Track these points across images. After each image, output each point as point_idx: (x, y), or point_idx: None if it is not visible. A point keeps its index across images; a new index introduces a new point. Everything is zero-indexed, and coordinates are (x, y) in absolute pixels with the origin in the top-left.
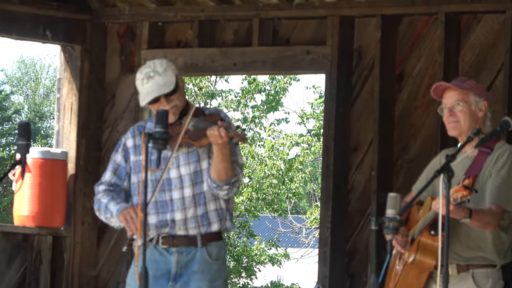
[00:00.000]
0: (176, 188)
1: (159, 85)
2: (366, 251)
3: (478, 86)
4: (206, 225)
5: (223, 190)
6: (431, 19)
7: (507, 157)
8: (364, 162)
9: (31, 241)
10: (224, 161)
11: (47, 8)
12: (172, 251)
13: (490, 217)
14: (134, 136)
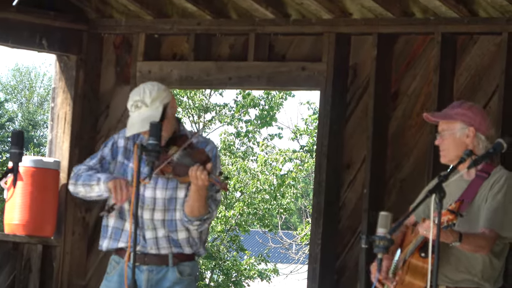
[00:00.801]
0: (148, 208)
1: (143, 118)
2: (356, 269)
3: (466, 113)
4: (178, 247)
5: (194, 225)
6: (428, 39)
7: (503, 183)
8: (357, 179)
9: (21, 250)
10: (200, 200)
11: (44, 17)
12: (143, 269)
13: (483, 241)
14: (128, 139)
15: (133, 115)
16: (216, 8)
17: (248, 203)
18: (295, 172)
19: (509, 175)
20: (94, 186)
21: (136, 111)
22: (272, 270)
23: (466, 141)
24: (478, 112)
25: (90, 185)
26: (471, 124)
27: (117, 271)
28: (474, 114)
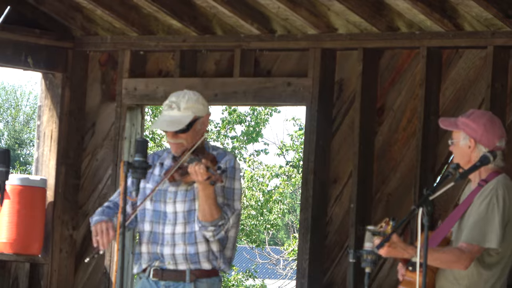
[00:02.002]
0: (170, 223)
1: (171, 120)
2: (344, 283)
3: (469, 124)
4: (196, 263)
5: (208, 231)
6: (413, 53)
7: (488, 192)
8: (343, 194)
9: (8, 268)
10: (207, 202)
11: (29, 35)
12: (160, 284)
13: (452, 256)
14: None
15: (164, 114)
16: (201, 25)
17: None
18: (282, 188)
19: (496, 185)
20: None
21: (168, 111)
22: (260, 286)
23: (467, 152)
24: (482, 123)
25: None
26: (472, 136)
27: (138, 286)
28: (477, 125)
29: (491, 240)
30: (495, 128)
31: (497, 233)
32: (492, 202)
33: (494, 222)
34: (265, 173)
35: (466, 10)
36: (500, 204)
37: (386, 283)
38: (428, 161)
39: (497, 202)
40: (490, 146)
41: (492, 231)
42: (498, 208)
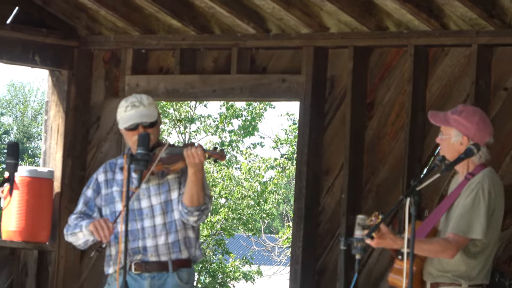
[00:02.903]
0: (148, 217)
1: (142, 114)
2: (335, 269)
3: (463, 122)
4: (177, 252)
5: (194, 216)
6: (401, 51)
7: (475, 186)
8: (335, 185)
9: (18, 255)
10: (197, 185)
11: (36, 34)
12: (145, 276)
13: (439, 246)
14: (106, 172)
15: (130, 112)
16: (200, 24)
17: (232, 209)
18: (277, 179)
19: (482, 179)
20: (79, 234)
21: (134, 109)
22: (256, 272)
23: (460, 148)
24: (475, 122)
25: (75, 233)
26: (465, 134)
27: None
28: (471, 124)
29: (477, 231)
30: (486, 125)
31: (482, 224)
32: (478, 195)
33: (479, 214)
34: (261, 165)
35: (451, 10)
36: (485, 197)
37: (375, 269)
38: (415, 154)
39: (482, 195)
40: (481, 143)
41: (478, 223)
42: (484, 201)
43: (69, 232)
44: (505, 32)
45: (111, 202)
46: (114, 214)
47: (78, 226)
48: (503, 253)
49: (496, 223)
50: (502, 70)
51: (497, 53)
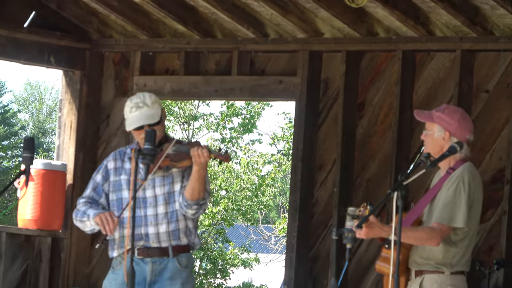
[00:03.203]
0: (151, 206)
1: (146, 115)
2: (327, 257)
3: (445, 118)
4: (177, 239)
5: (192, 209)
6: (390, 55)
7: (455, 178)
8: (328, 179)
9: (32, 242)
10: (199, 181)
11: (51, 37)
12: (147, 261)
13: (425, 234)
14: (116, 159)
15: (134, 114)
16: (204, 29)
17: (232, 200)
18: (274, 173)
19: (463, 172)
20: (86, 222)
21: (138, 111)
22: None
23: (442, 143)
24: (457, 119)
25: (83, 221)
26: (447, 129)
27: (122, 266)
28: (452, 120)
29: (459, 220)
30: (467, 123)
31: (464, 214)
32: (459, 187)
33: (461, 205)
34: (258, 160)
35: (437, 17)
36: (466, 188)
37: (364, 257)
38: (402, 151)
39: (463, 187)
40: (461, 139)
41: (459, 213)
42: (465, 192)
43: (78, 218)
44: (486, 38)
45: (119, 189)
46: (120, 201)
47: (86, 215)
48: (483, 244)
49: (475, 214)
50: (484, 73)
51: (479, 58)
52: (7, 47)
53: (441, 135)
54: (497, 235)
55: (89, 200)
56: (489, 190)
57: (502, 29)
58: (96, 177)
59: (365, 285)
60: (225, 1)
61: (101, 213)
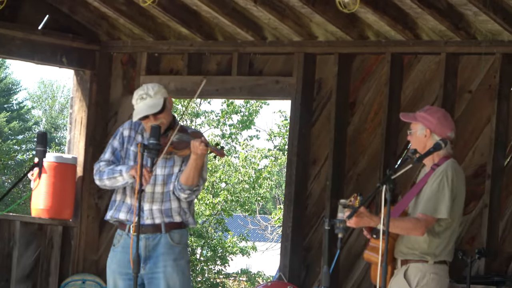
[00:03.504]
0: (150, 184)
1: (149, 106)
2: (320, 246)
3: (427, 117)
4: (170, 217)
5: (185, 193)
6: (380, 58)
7: (440, 173)
8: (321, 173)
9: (45, 230)
10: (195, 169)
11: (64, 39)
12: (141, 237)
13: (411, 225)
14: (131, 128)
15: (139, 104)
16: (206, 32)
17: (231, 192)
18: (270, 167)
19: (446, 168)
20: (118, 177)
21: (142, 102)
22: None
23: (424, 140)
24: (437, 117)
25: (114, 177)
26: (428, 127)
27: (121, 243)
28: (433, 118)
29: (442, 211)
30: (448, 121)
31: (447, 206)
32: (443, 181)
33: (444, 197)
34: (256, 154)
35: (424, 23)
36: (449, 183)
37: (355, 246)
38: (391, 147)
39: (447, 181)
40: (442, 136)
41: (443, 205)
42: (448, 186)
43: (105, 177)
44: (470, 42)
45: (128, 158)
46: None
47: (117, 171)
48: (466, 234)
49: (458, 206)
50: (467, 75)
51: (463, 61)
52: (22, 48)
53: (423, 132)
54: (478, 226)
55: (109, 162)
56: (471, 184)
57: (484, 34)
58: (113, 143)
59: (355, 272)
60: (226, 6)
61: (135, 165)
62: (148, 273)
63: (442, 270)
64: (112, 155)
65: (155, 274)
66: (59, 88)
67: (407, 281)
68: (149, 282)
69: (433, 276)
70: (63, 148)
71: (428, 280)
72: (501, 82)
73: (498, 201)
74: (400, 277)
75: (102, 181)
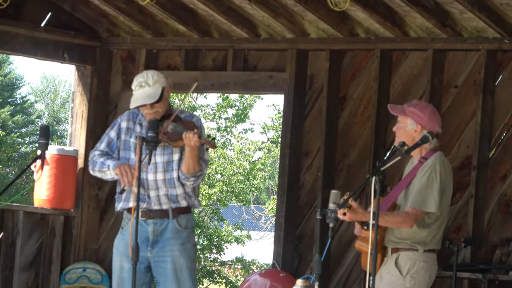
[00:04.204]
0: (151, 171)
1: (146, 95)
2: (312, 235)
3: (417, 113)
4: (176, 202)
5: (190, 181)
6: (369, 54)
7: (428, 167)
8: (313, 165)
9: (47, 220)
10: (192, 158)
11: (66, 36)
12: (149, 222)
13: (400, 218)
14: (129, 120)
15: (138, 92)
16: (202, 29)
17: (226, 183)
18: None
19: (434, 161)
20: (106, 172)
21: (140, 90)
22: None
23: (414, 135)
24: (428, 113)
25: (103, 171)
26: (419, 122)
27: (129, 226)
28: (424, 114)
29: (431, 205)
30: (436, 117)
31: (436, 199)
32: (431, 175)
33: (433, 191)
34: (250, 147)
35: (411, 20)
36: (437, 176)
37: (345, 235)
38: (380, 140)
39: (435, 175)
40: (431, 131)
41: (432, 198)
42: (436, 180)
43: (96, 168)
44: (456, 39)
45: (128, 149)
46: (127, 161)
47: (105, 165)
48: (452, 224)
49: (446, 198)
50: (453, 71)
51: (449, 57)
52: (25, 44)
53: (414, 127)
54: (464, 216)
55: (103, 153)
56: (457, 175)
57: (470, 31)
58: (110, 133)
59: (346, 261)
60: (222, 4)
61: (120, 165)
62: (155, 256)
63: (431, 258)
64: (107, 146)
65: (162, 257)
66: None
67: (398, 269)
68: (156, 265)
69: (422, 264)
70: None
71: (418, 267)
72: (486, 78)
73: (484, 192)
74: (391, 265)
75: (93, 171)
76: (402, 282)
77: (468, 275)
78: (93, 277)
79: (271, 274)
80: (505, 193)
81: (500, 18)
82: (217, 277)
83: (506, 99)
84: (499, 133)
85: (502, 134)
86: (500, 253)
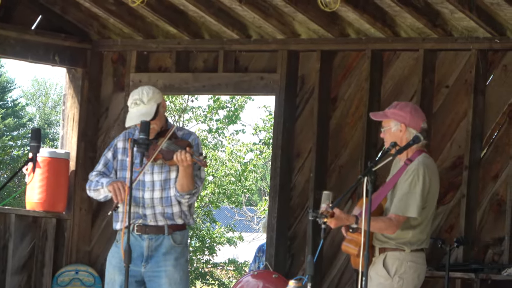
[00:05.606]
0: (148, 190)
1: (141, 113)
2: (304, 236)
3: (398, 113)
4: (172, 220)
5: (185, 198)
6: (360, 54)
7: (411, 172)
8: (305, 166)
9: (39, 223)
10: (186, 177)
11: (56, 38)
12: (144, 237)
13: (383, 224)
14: (125, 140)
15: (132, 110)
16: (193, 31)
17: (218, 185)
18: (256, 160)
19: (418, 165)
20: (100, 190)
21: (135, 107)
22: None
23: (400, 135)
24: (409, 111)
25: (97, 189)
26: (402, 122)
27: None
28: (405, 113)
29: (413, 211)
30: (418, 113)
31: (418, 205)
32: (414, 180)
33: (415, 197)
34: (242, 148)
35: (402, 20)
36: (420, 181)
37: (337, 236)
38: (371, 140)
39: (417, 179)
40: (417, 128)
41: (414, 204)
42: (419, 184)
43: (92, 188)
44: (446, 39)
45: (124, 168)
46: (124, 180)
47: (99, 184)
48: (444, 224)
49: (432, 199)
50: (444, 70)
51: (440, 57)
52: (16, 47)
53: (398, 128)
54: (456, 216)
55: (100, 173)
56: (449, 175)
57: (460, 31)
58: (107, 154)
59: (338, 261)
60: (212, 5)
61: (113, 182)
62: (148, 271)
63: (419, 257)
64: (104, 167)
65: (156, 272)
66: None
67: (386, 269)
68: (150, 280)
69: (410, 264)
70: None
71: (406, 267)
72: (477, 77)
73: (475, 192)
74: (379, 266)
75: (89, 191)
76: (391, 283)
77: (461, 275)
78: (86, 280)
79: (264, 275)
80: (497, 193)
81: (491, 18)
82: (210, 279)
83: (497, 98)
84: (490, 132)
85: (494, 134)
86: (493, 253)
